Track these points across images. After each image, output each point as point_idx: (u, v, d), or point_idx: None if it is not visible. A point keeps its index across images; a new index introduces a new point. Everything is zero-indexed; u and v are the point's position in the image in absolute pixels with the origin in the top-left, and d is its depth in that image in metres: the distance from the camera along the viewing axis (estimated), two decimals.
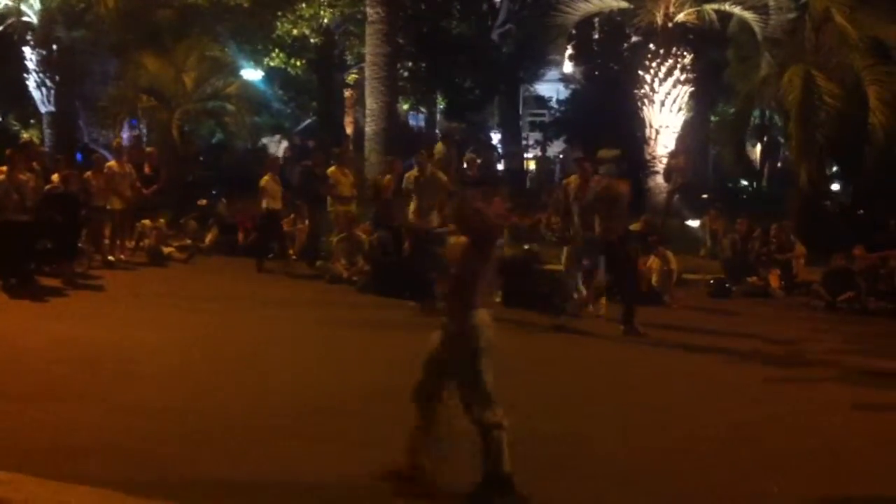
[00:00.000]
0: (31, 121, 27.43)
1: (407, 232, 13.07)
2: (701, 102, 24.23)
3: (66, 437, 6.20)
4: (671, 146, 20.49)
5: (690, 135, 22.60)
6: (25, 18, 23.42)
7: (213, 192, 20.33)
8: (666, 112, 20.79)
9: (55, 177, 14.23)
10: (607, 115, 25.64)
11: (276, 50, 27.35)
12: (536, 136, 37.64)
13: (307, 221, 16.02)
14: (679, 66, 20.57)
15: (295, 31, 26.64)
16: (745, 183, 31.18)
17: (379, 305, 11.90)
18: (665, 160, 20.08)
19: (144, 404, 7.02)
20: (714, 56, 24.03)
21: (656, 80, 20.71)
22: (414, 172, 13.51)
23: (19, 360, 8.39)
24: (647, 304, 12.01)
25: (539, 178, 33.14)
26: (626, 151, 15.25)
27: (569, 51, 32.08)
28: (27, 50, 23.49)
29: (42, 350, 8.80)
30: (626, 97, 22.35)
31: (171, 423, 6.58)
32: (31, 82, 23.89)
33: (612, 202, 10.77)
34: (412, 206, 13.08)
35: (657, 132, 20.88)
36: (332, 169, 15.49)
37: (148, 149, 18.82)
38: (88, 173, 15.14)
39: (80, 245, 14.08)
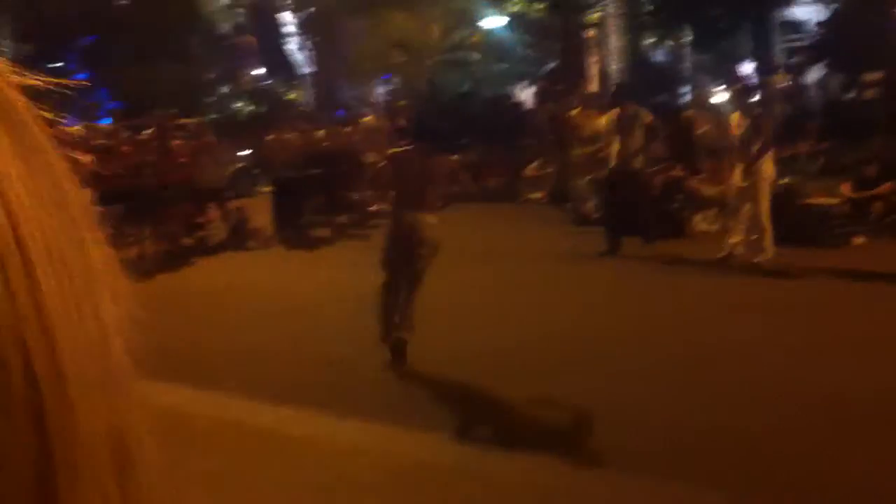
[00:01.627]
0: (294, 82, 29.27)
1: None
2: None
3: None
4: None
5: None
6: None
7: (463, 141, 20.88)
8: None
9: (319, 133, 15.25)
10: (872, 35, 23.78)
11: None
12: (792, 62, 35.41)
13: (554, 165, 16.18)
14: None
15: None
16: None
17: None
18: None
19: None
20: None
21: None
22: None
23: (292, 302, 9.20)
24: None
25: (795, 108, 31.27)
26: None
27: None
28: (288, 15, 25.05)
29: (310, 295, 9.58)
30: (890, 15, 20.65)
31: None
32: (293, 45, 25.49)
33: None
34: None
35: None
36: (575, 111, 15.51)
37: (400, 102, 19.62)
38: (348, 129, 16.08)
39: (351, 196, 15.11)
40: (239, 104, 27.43)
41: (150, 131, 13.74)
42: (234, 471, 5.09)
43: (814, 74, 31.66)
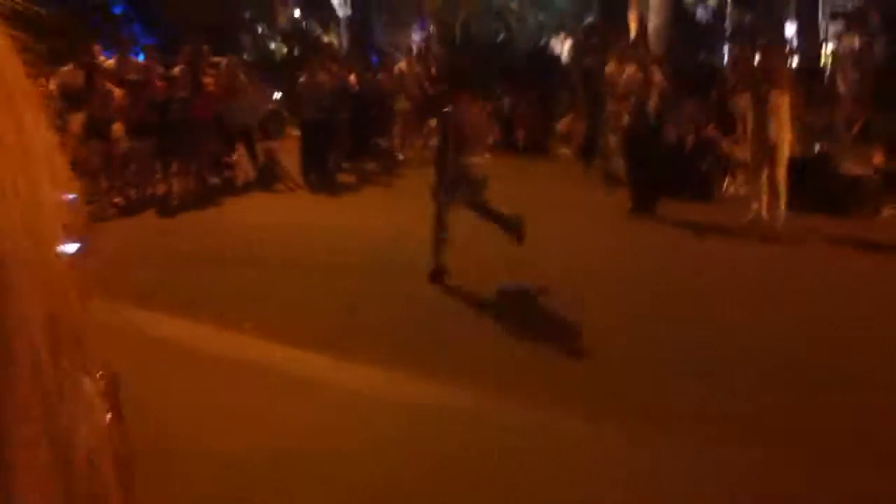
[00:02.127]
0: (331, 25, 29.08)
1: None
2: None
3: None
4: None
5: None
6: None
7: (497, 91, 20.72)
8: None
9: (351, 77, 15.19)
10: None
11: None
12: (838, 26, 34.65)
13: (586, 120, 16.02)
14: None
15: None
16: None
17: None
18: None
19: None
20: None
21: None
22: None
23: (316, 245, 9.26)
24: None
25: (835, 72, 30.68)
26: None
27: None
28: None
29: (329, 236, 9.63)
30: None
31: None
32: None
33: None
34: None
35: None
36: (610, 65, 15.29)
37: (436, 49, 19.49)
38: (381, 74, 16.02)
39: (379, 143, 15.11)
40: (273, 45, 27.34)
41: (181, 67, 13.76)
42: (247, 408, 5.18)
43: (856, 40, 30.99)
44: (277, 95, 19.58)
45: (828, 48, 32.10)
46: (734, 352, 6.18)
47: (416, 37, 22.18)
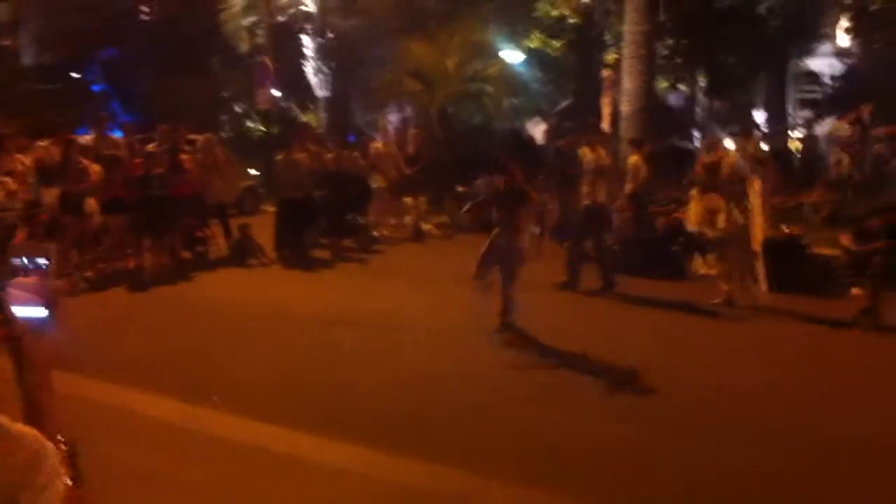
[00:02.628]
0: (310, 105, 29.47)
1: None
2: None
3: (323, 390, 6.83)
4: None
5: None
6: (304, 8, 25.19)
7: (472, 173, 20.96)
8: None
9: (329, 156, 15.34)
10: (887, 91, 23.90)
11: (536, 31, 27.63)
12: (805, 114, 35.53)
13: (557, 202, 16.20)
14: None
15: (554, 12, 26.82)
16: None
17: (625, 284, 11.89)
18: None
19: (412, 369, 7.56)
20: None
21: None
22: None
23: (293, 324, 9.25)
24: None
25: (806, 158, 31.36)
26: None
27: (844, 23, 30.15)
28: (306, 38, 25.27)
29: (310, 315, 9.65)
30: None
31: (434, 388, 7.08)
32: (309, 69, 25.70)
33: None
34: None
35: None
36: (583, 149, 15.55)
37: (412, 130, 19.73)
38: (356, 153, 16.19)
39: (356, 220, 15.22)
40: (252, 124, 27.61)
41: (158, 144, 13.85)
42: (217, 485, 5.11)
43: (825, 127, 31.72)
44: (254, 173, 19.74)
45: (797, 133, 32.85)
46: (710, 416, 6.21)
47: (391, 117, 22.45)
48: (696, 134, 34.26)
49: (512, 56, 26.59)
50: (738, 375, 7.63)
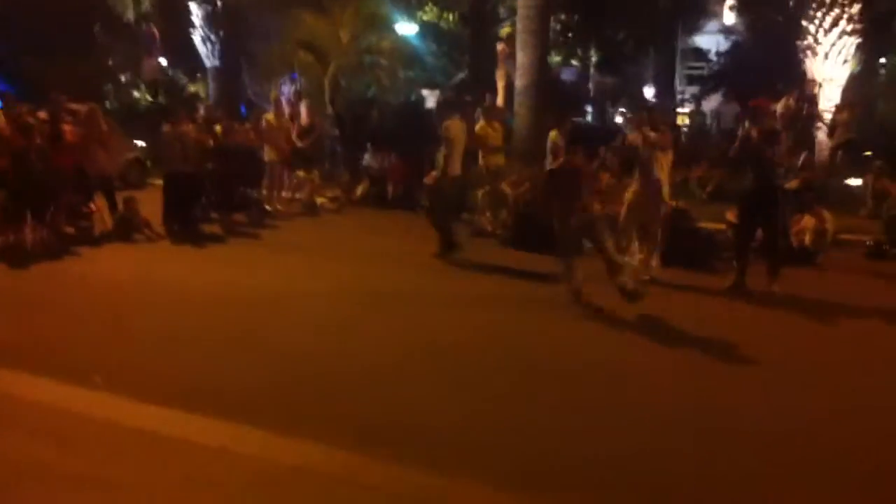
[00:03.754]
0: (198, 75, 28.69)
1: None
2: (868, 55, 22.94)
3: (216, 377, 6.64)
4: (835, 100, 19.58)
5: (856, 89, 21.46)
6: None
7: (367, 145, 20.79)
8: (830, 64, 19.86)
9: (217, 128, 14.95)
10: (769, 67, 24.69)
11: (430, 4, 27.50)
12: (693, 90, 36.50)
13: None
14: (846, 16, 19.57)
15: None
16: None
17: (520, 260, 11.95)
18: (828, 115, 19.24)
19: (291, 348, 7.42)
20: (883, 6, 22.64)
21: (821, 30, 19.79)
22: None
23: (181, 303, 8.98)
24: (799, 264, 11.65)
25: (692, 133, 32.24)
26: None
27: (730, 1, 30.97)
28: (193, 6, 24.53)
29: (200, 293, 9.39)
30: (789, 49, 21.45)
31: (313, 366, 6.95)
32: (197, 38, 24.98)
33: None
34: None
35: (820, 86, 19.97)
36: (480, 123, 15.56)
37: (305, 102, 19.40)
38: (247, 126, 15.83)
39: (248, 194, 14.89)
40: (138, 94, 26.74)
41: (40, 114, 13.26)
42: (100, 469, 4.91)
43: (711, 103, 32.60)
44: (140, 144, 19.10)
45: (685, 108, 33.67)
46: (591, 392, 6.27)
47: (284, 89, 22.01)
48: (589, 109, 34.82)
49: (406, 28, 26.41)
50: (621, 351, 7.75)
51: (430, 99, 31.87)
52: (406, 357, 7.24)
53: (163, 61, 28.14)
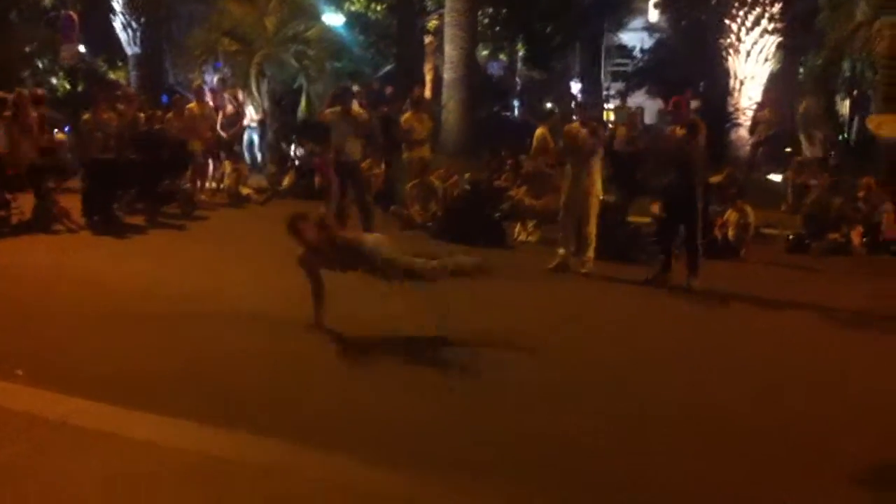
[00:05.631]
0: (119, 62, 28.00)
1: None
2: (789, 53, 23.52)
3: (136, 364, 6.47)
4: (756, 98, 20.03)
5: (777, 86, 22.00)
6: None
7: (293, 136, 20.52)
8: (752, 62, 20.31)
9: (140, 116, 14.60)
10: (692, 65, 25.10)
11: None
12: (618, 86, 36.91)
13: (383, 167, 16.11)
14: (767, 15, 20.02)
15: None
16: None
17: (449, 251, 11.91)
18: (749, 112, 19.68)
19: (213, 340, 7.27)
20: (803, 5, 23.22)
21: (743, 28, 20.23)
22: None
23: (99, 293, 8.73)
24: (722, 258, 11.89)
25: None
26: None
27: None
28: None
29: (119, 284, 9.14)
30: (711, 47, 21.85)
31: (243, 357, 6.82)
32: (118, 24, 24.37)
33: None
34: None
35: (741, 83, 20.42)
36: (407, 115, 15.52)
37: (229, 91, 19.07)
38: (170, 114, 15.49)
39: (173, 184, 14.55)
40: (56, 81, 25.98)
41: None
42: (24, 462, 4.74)
43: (636, 99, 33.02)
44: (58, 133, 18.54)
45: (610, 104, 34.07)
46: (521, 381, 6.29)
47: (207, 78, 21.58)
48: (516, 103, 35.00)
49: (333, 18, 26.12)
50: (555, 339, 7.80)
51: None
52: (326, 344, 7.17)
53: (82, 48, 27.36)
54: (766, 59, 20.48)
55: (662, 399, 6.36)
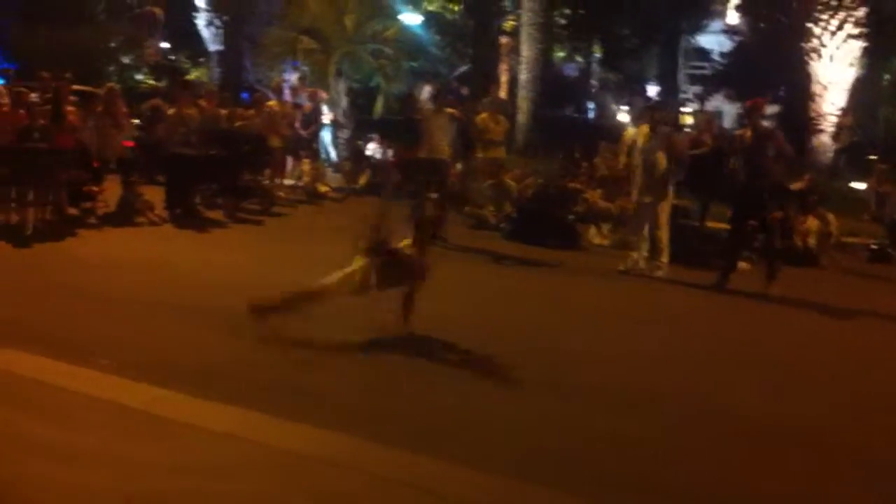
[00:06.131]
0: (201, 59, 28.57)
1: None
2: (873, 58, 22.96)
3: (215, 356, 6.65)
4: (839, 103, 19.61)
5: (861, 92, 21.49)
6: None
7: (369, 134, 20.72)
8: (835, 67, 19.89)
9: (222, 112, 14.91)
10: (772, 69, 24.65)
11: None
12: (696, 89, 36.39)
13: (458, 167, 16.17)
14: (852, 19, 19.59)
15: None
16: None
17: (523, 252, 11.94)
18: (831, 118, 19.29)
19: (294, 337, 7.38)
20: (890, 10, 22.66)
21: (826, 33, 19.80)
22: None
23: (178, 285, 8.94)
24: (802, 265, 11.71)
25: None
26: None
27: (734, 1, 30.92)
28: None
29: (197, 275, 9.35)
30: (793, 51, 21.45)
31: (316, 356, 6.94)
32: (201, 21, 24.87)
33: None
34: None
35: (825, 88, 20.01)
36: (483, 115, 15.54)
37: (308, 90, 19.33)
38: (250, 111, 15.79)
39: (252, 180, 14.83)
40: (140, 76, 26.63)
41: (42, 94, 13.20)
42: (105, 447, 4.89)
43: (714, 103, 32.53)
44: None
45: (688, 108, 33.64)
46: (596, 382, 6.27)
47: (287, 76, 21.94)
48: (590, 105, 34.78)
49: (410, 18, 26.28)
50: (632, 343, 7.77)
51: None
52: (413, 347, 7.23)
53: (165, 44, 28.02)
54: (850, 64, 20.03)
55: (733, 406, 6.27)
